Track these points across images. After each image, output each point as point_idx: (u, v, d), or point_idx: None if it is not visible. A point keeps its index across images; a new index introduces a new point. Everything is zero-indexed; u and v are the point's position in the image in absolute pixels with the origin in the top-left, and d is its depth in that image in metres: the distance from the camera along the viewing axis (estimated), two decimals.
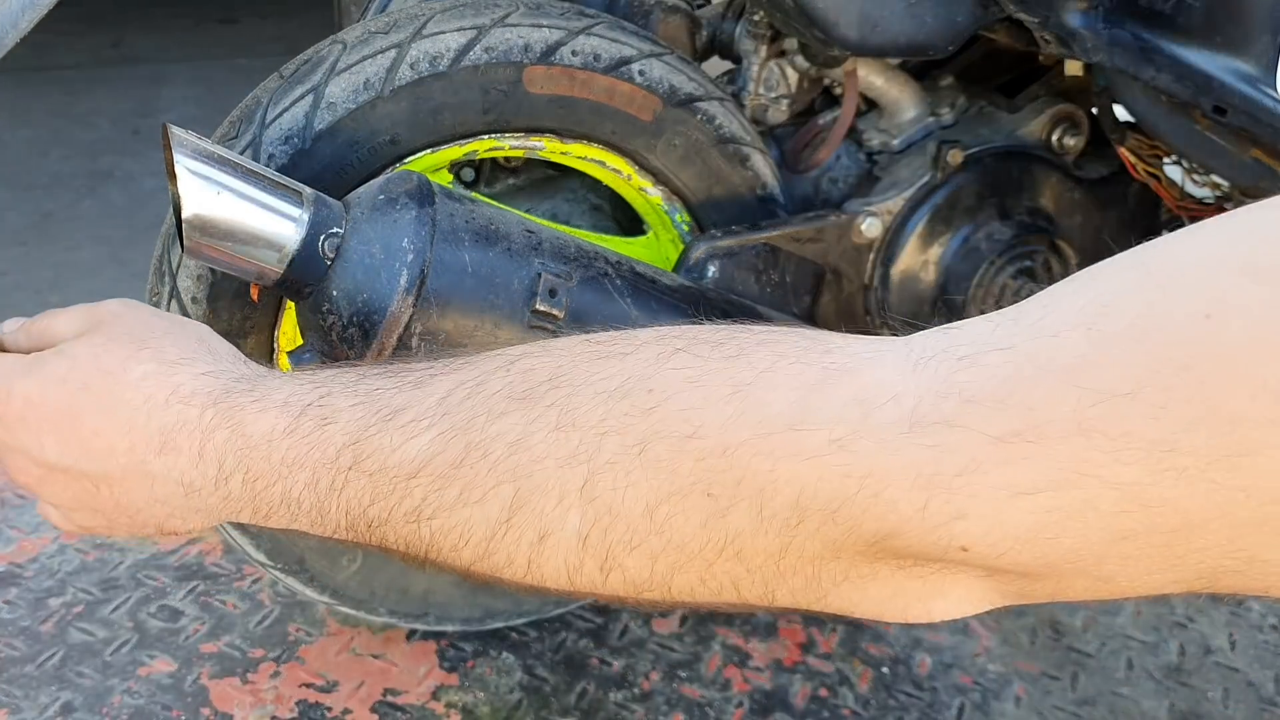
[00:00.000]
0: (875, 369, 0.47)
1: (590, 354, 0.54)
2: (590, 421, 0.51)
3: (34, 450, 0.66)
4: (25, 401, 0.66)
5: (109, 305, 0.73)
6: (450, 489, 0.54)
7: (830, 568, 0.49)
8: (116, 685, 1.15)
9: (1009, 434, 0.43)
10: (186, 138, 0.79)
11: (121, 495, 0.65)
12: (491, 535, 0.54)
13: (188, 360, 0.66)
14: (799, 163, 1.17)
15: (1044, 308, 0.46)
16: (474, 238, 0.86)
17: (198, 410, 0.63)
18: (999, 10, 1.05)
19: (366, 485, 0.57)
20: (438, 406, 0.56)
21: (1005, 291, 1.16)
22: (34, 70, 3.26)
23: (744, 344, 0.51)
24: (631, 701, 1.17)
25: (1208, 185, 1.18)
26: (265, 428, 0.61)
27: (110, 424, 0.64)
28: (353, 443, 0.57)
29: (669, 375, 0.51)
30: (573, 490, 0.51)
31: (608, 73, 0.99)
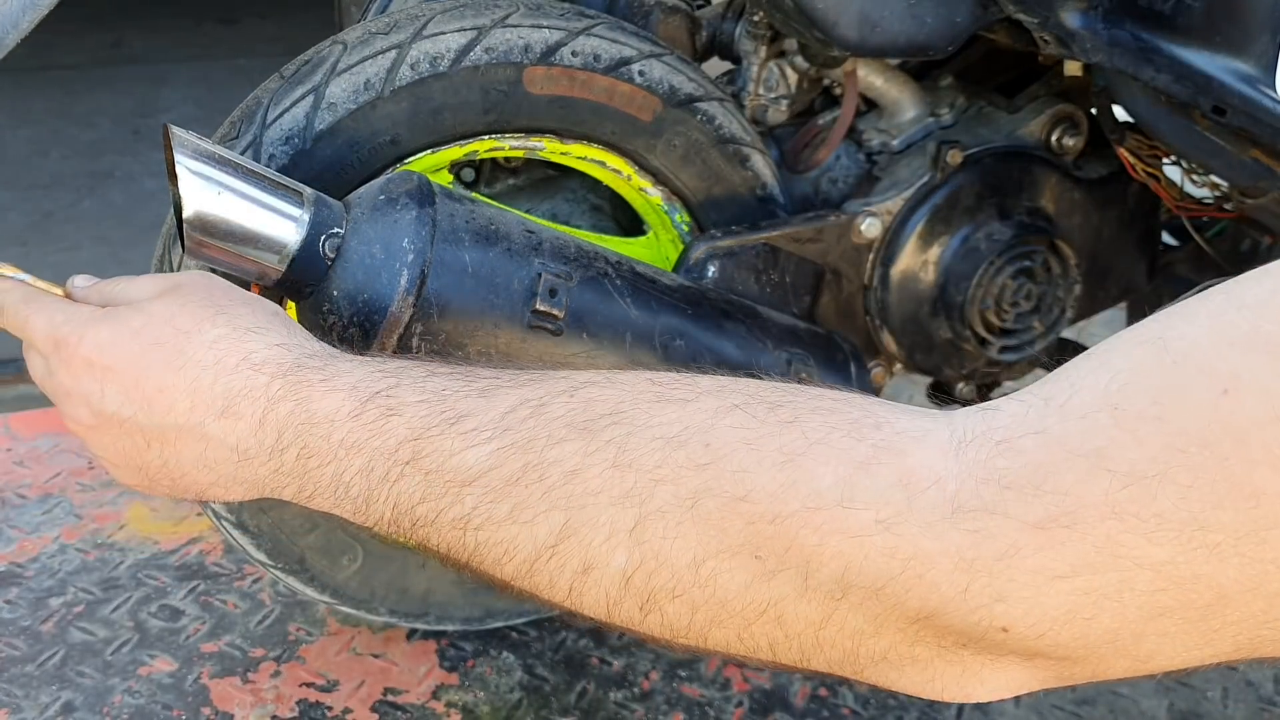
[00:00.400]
0: (920, 451, 0.49)
1: (652, 395, 0.56)
2: (647, 465, 0.53)
3: (94, 397, 0.67)
4: (95, 347, 0.67)
5: (187, 273, 0.74)
6: (502, 505, 0.55)
7: (870, 644, 0.51)
8: (117, 685, 1.15)
9: (1046, 520, 0.45)
10: (187, 138, 0.79)
11: (171, 455, 0.66)
12: (536, 557, 0.55)
13: (262, 330, 0.67)
14: (799, 163, 1.17)
15: (1071, 387, 0.48)
16: (474, 238, 0.86)
17: (266, 379, 0.64)
18: (998, 10, 1.05)
19: (420, 483, 0.58)
20: (500, 420, 0.57)
21: (1005, 291, 1.16)
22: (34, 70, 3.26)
23: (799, 410, 0.52)
24: (631, 701, 1.17)
25: (1207, 185, 1.18)
26: (331, 408, 0.61)
27: (176, 381, 0.65)
28: (414, 438, 0.58)
29: (726, 433, 0.52)
30: (622, 530, 0.53)
31: (608, 73, 0.99)
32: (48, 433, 1.53)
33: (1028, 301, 1.17)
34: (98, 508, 1.40)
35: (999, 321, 1.17)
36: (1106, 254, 1.25)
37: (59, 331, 0.69)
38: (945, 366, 1.20)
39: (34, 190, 2.61)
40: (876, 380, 1.17)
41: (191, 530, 1.37)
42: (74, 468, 1.46)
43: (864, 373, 1.08)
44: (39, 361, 0.72)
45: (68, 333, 0.68)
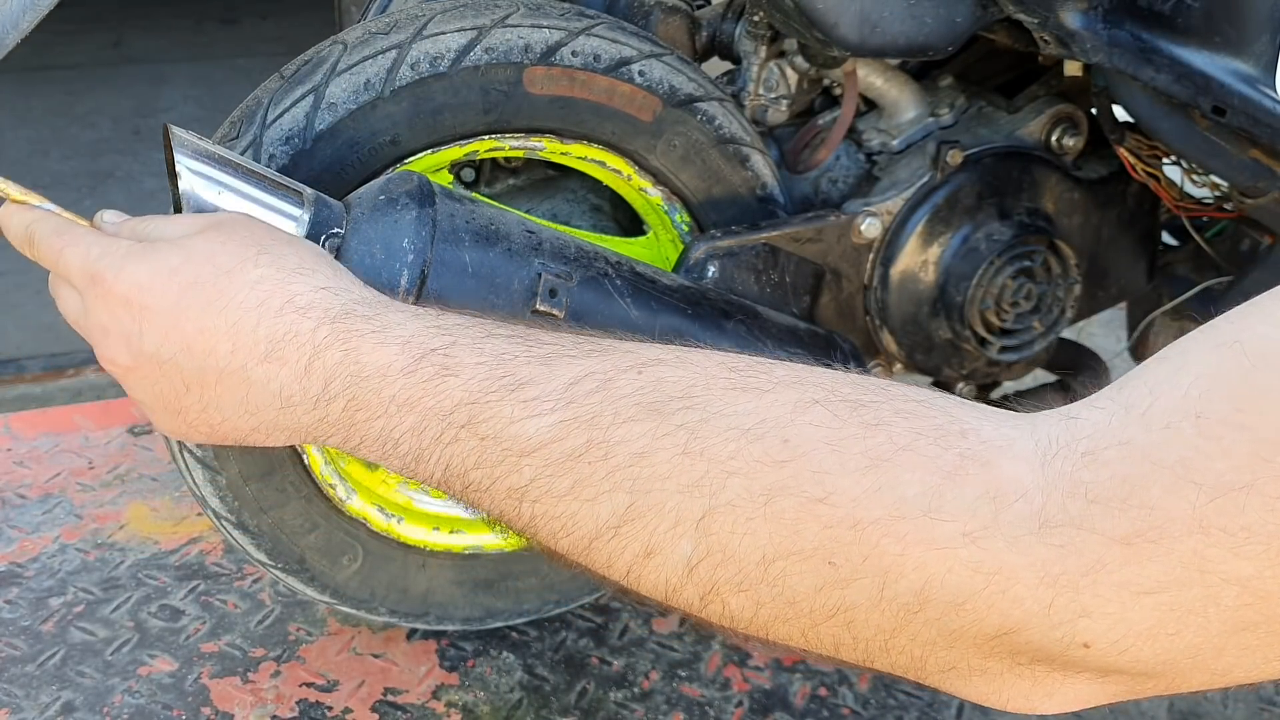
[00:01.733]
0: (1006, 461, 0.48)
1: (726, 381, 0.54)
2: (719, 456, 0.51)
3: (133, 336, 0.64)
4: (133, 285, 0.64)
5: (227, 214, 0.71)
6: (562, 479, 0.54)
7: (941, 654, 0.50)
8: (117, 685, 1.15)
9: (1132, 534, 0.44)
10: (187, 138, 0.79)
11: (211, 400, 0.63)
12: (596, 536, 0.53)
13: (308, 271, 0.64)
14: (799, 163, 1.17)
15: (1150, 394, 0.47)
16: (474, 238, 0.86)
17: (312, 324, 0.61)
18: (998, 11, 1.05)
19: (475, 447, 0.56)
20: (564, 391, 0.55)
21: (1004, 291, 1.16)
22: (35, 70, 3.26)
23: (882, 413, 0.51)
24: (631, 701, 1.17)
25: (1207, 185, 1.18)
26: (382, 361, 0.59)
27: (217, 323, 0.62)
28: (471, 401, 0.56)
29: (806, 430, 0.50)
30: (689, 519, 0.51)
31: (608, 73, 0.99)
32: (48, 433, 1.53)
33: (1027, 301, 1.18)
34: (98, 508, 1.40)
35: (999, 321, 1.17)
36: (1106, 254, 1.25)
37: (95, 266, 0.65)
38: (945, 366, 1.20)
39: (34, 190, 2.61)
40: None
41: (191, 530, 1.37)
42: (74, 468, 1.46)
43: (864, 373, 1.08)
44: (72, 298, 0.68)
45: (104, 268, 0.65)
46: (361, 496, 1.08)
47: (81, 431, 1.53)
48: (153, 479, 1.45)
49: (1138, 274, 1.29)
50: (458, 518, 1.13)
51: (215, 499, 1.01)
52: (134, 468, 1.47)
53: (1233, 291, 1.22)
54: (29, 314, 2.06)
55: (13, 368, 1.86)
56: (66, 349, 1.88)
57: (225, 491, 1.01)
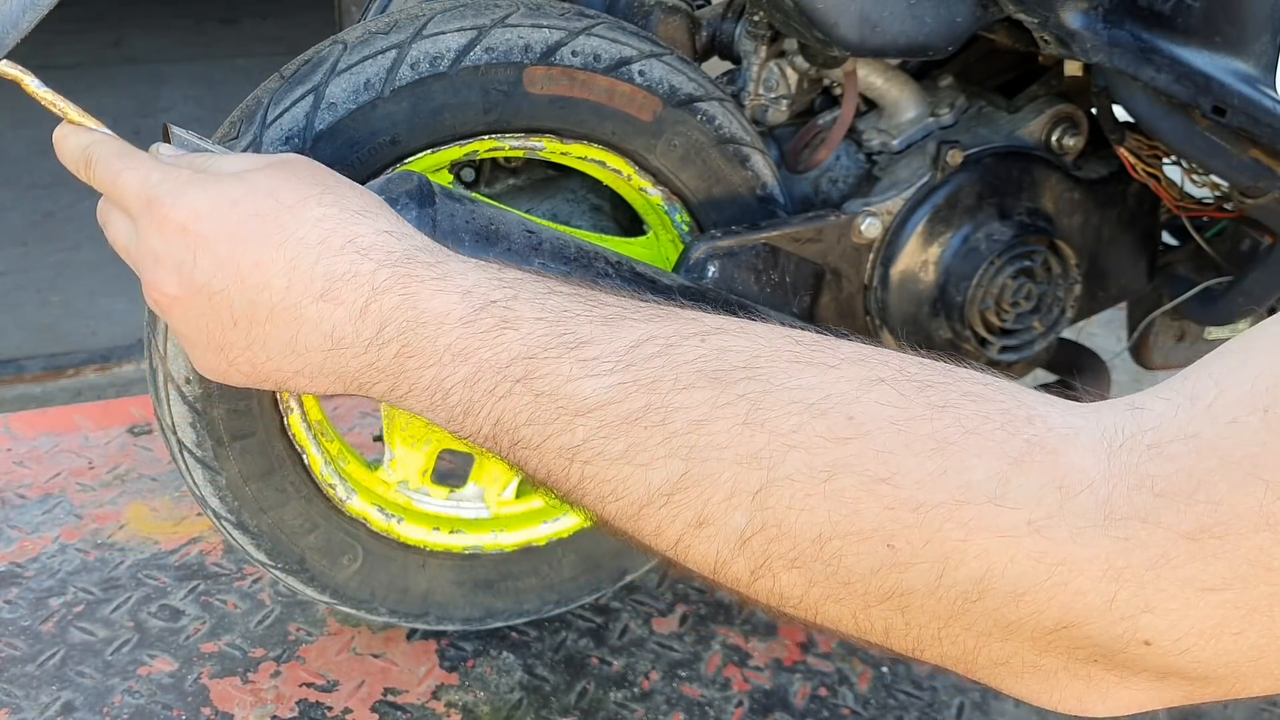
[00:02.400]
0: (1073, 450, 0.47)
1: (790, 354, 0.53)
2: (781, 429, 0.50)
3: (185, 265, 0.62)
4: (191, 213, 0.62)
5: (291, 155, 0.70)
6: (616, 442, 0.53)
7: (995, 647, 0.49)
8: (117, 685, 1.15)
9: (1198, 530, 0.43)
10: (187, 137, 0.79)
11: (258, 337, 0.62)
12: (647, 502, 0.52)
13: (370, 214, 0.63)
14: (799, 163, 1.17)
15: (1216, 386, 0.46)
16: (474, 238, 0.86)
17: (373, 266, 0.60)
18: (998, 11, 1.05)
19: (530, 403, 0.55)
20: (625, 354, 0.54)
21: (1004, 291, 1.16)
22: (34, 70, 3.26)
23: (949, 395, 0.50)
24: (631, 701, 1.17)
25: (1207, 185, 1.18)
26: (440, 308, 0.58)
27: (275, 256, 0.60)
28: (529, 356, 0.55)
29: (871, 409, 0.49)
30: (745, 491, 0.50)
31: (608, 73, 0.99)
32: (48, 433, 1.53)
33: (1028, 301, 1.18)
34: (98, 508, 1.40)
35: (999, 321, 1.17)
36: (1106, 254, 1.25)
37: (154, 191, 0.64)
38: None
39: (34, 190, 2.61)
40: None
41: (191, 530, 1.37)
42: (74, 468, 1.46)
43: None
44: (123, 223, 0.67)
45: (163, 193, 0.63)
46: (361, 497, 1.08)
47: (81, 431, 1.53)
48: (153, 479, 1.45)
49: (1138, 274, 1.29)
50: (458, 518, 1.14)
51: (215, 499, 1.01)
52: (134, 468, 1.47)
53: (1233, 291, 1.22)
54: (29, 314, 2.06)
55: (13, 368, 1.86)
56: (66, 349, 1.88)
57: (225, 491, 1.01)
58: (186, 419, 0.97)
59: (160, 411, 0.99)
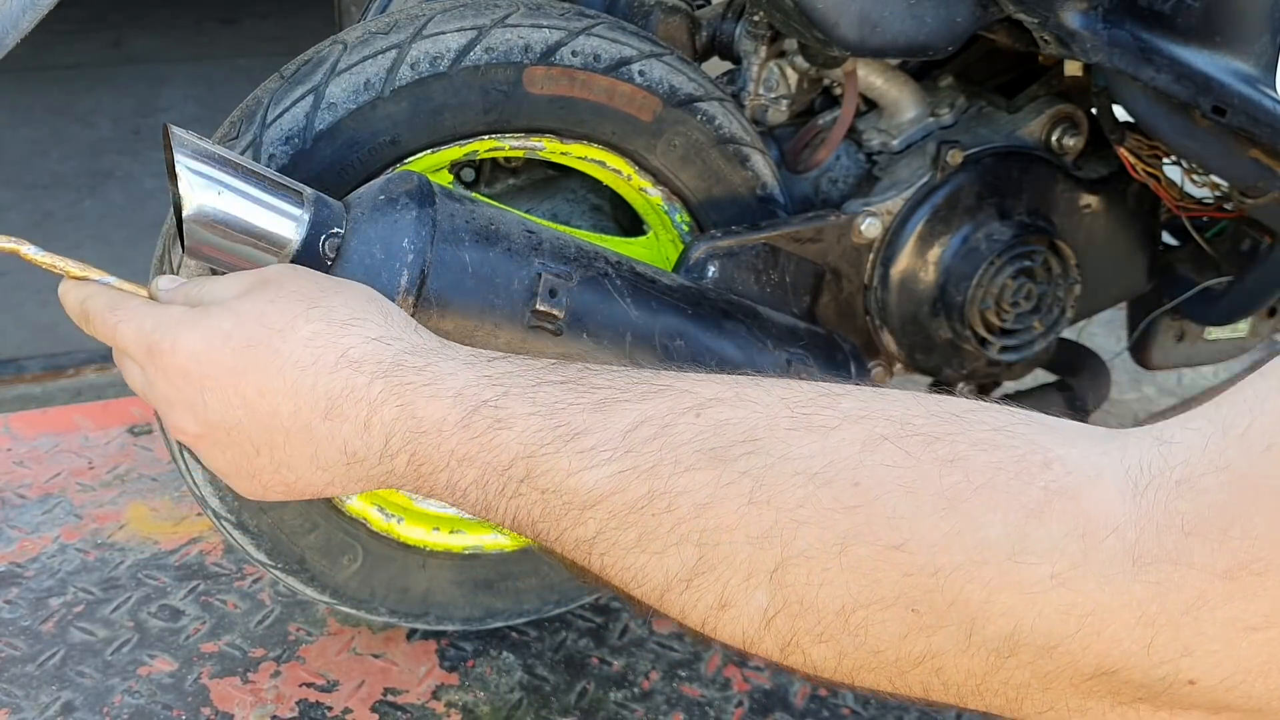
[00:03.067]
0: (1095, 493, 0.46)
1: (788, 420, 0.52)
2: (788, 504, 0.49)
3: (196, 406, 0.64)
4: (189, 356, 0.64)
5: (273, 268, 0.70)
6: (627, 533, 0.53)
7: (1037, 697, 0.48)
8: (117, 685, 1.15)
9: (1234, 567, 0.42)
10: (187, 137, 0.79)
11: (283, 460, 0.63)
12: (668, 588, 0.52)
13: (358, 321, 0.64)
14: (799, 163, 1.17)
15: (1250, 413, 0.44)
16: (474, 238, 0.86)
17: (366, 379, 0.61)
18: (998, 10, 1.05)
19: (538, 501, 0.55)
20: (621, 440, 0.54)
21: (1005, 291, 1.16)
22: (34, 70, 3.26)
23: (958, 447, 0.48)
24: (631, 701, 1.17)
25: (1207, 185, 1.18)
26: (437, 415, 0.58)
27: (276, 384, 0.62)
28: (527, 455, 0.55)
29: (877, 471, 0.49)
30: (762, 571, 0.50)
31: (608, 73, 0.99)
32: (48, 433, 1.53)
33: (1028, 301, 1.17)
34: (98, 508, 1.40)
35: (999, 321, 1.17)
36: (1106, 254, 1.25)
37: (150, 339, 0.66)
38: (945, 366, 1.20)
39: (34, 190, 2.61)
40: (877, 380, 1.17)
41: (191, 530, 1.37)
42: (74, 468, 1.46)
43: (864, 373, 1.08)
44: (136, 371, 0.69)
45: (159, 339, 0.65)
46: (361, 496, 1.08)
47: (81, 431, 1.53)
48: (153, 479, 1.45)
49: (1138, 274, 1.29)
50: (457, 518, 1.14)
51: (215, 499, 1.01)
52: (134, 468, 1.47)
53: (1233, 291, 1.22)
54: (29, 314, 2.06)
55: (13, 368, 1.86)
56: (66, 349, 1.88)
57: (225, 491, 1.01)
58: None
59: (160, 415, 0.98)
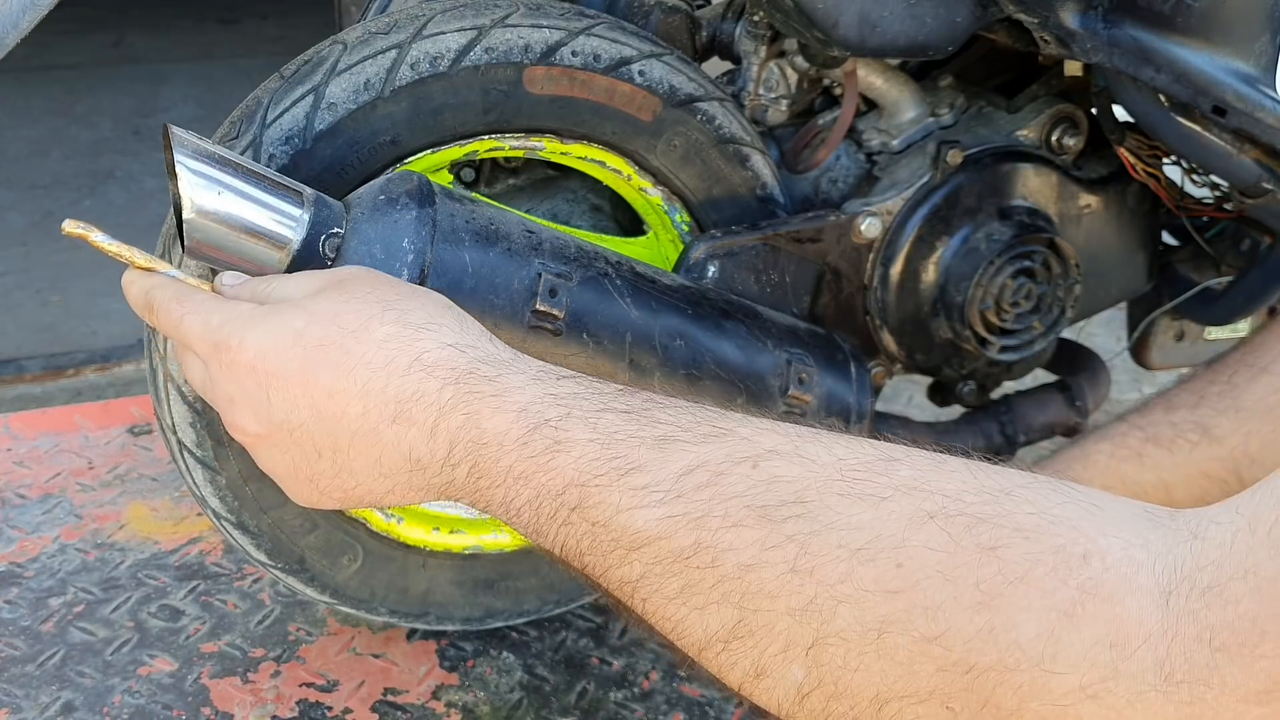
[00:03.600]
0: (1129, 597, 0.44)
1: (840, 486, 0.51)
2: (830, 578, 0.49)
3: (260, 405, 0.62)
4: (257, 353, 0.62)
5: (349, 268, 0.69)
6: (671, 582, 0.52)
7: None
8: (117, 685, 1.15)
9: (1269, 689, 0.41)
10: (187, 138, 0.79)
11: (344, 464, 0.62)
12: (706, 645, 0.52)
13: (433, 327, 0.63)
14: (798, 163, 1.17)
15: (1277, 506, 0.43)
16: (474, 238, 0.86)
17: (438, 384, 0.60)
18: (998, 11, 1.05)
19: (587, 532, 0.55)
20: (674, 483, 0.53)
21: (1004, 291, 1.16)
22: (35, 70, 3.26)
23: (1001, 532, 0.47)
24: (631, 701, 1.17)
25: (1207, 185, 1.18)
26: (500, 429, 0.58)
27: (346, 385, 0.61)
28: (581, 483, 0.55)
29: (919, 554, 0.48)
30: (800, 645, 0.49)
31: (608, 73, 0.99)
32: (48, 433, 1.53)
33: (1028, 301, 1.18)
34: (98, 508, 1.40)
35: (999, 321, 1.17)
36: (1106, 254, 1.25)
37: (217, 335, 0.64)
38: (945, 366, 1.20)
39: (34, 190, 2.61)
40: (876, 380, 1.17)
41: (191, 530, 1.37)
42: (74, 468, 1.46)
43: (864, 373, 1.08)
44: (197, 366, 0.67)
45: (226, 335, 0.64)
46: None
47: (81, 431, 1.53)
48: (153, 479, 1.45)
49: (1138, 274, 1.29)
50: (458, 518, 1.14)
51: (215, 499, 1.01)
52: (134, 468, 1.47)
53: (1233, 291, 1.22)
54: (29, 314, 2.06)
55: (13, 368, 1.86)
56: (66, 349, 1.88)
57: (225, 491, 1.01)
58: (187, 419, 0.97)
59: (160, 411, 0.99)
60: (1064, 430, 1.28)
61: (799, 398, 1.01)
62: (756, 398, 0.98)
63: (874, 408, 1.12)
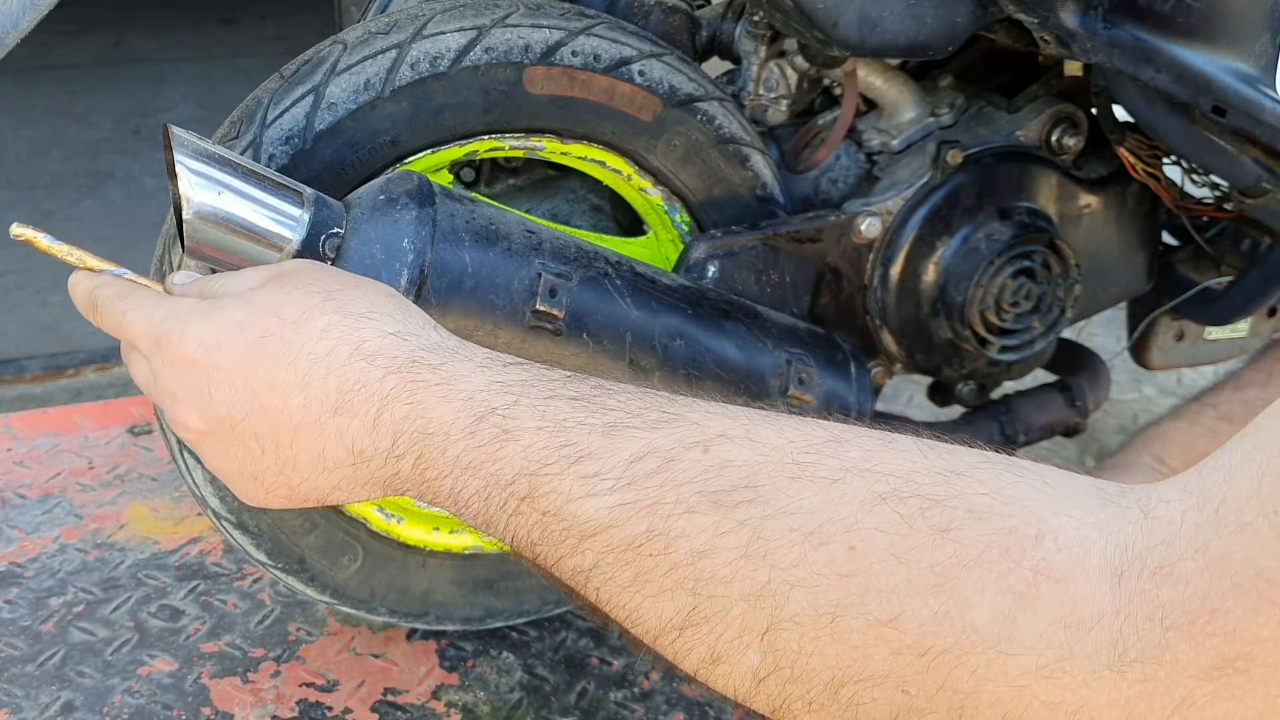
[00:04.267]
0: (1082, 577, 0.45)
1: (791, 470, 0.51)
2: (782, 562, 0.48)
3: (202, 400, 0.61)
4: (199, 346, 0.61)
5: (291, 262, 0.68)
6: (624, 569, 0.52)
7: None
8: (117, 685, 1.15)
9: (1219, 663, 0.41)
10: (187, 138, 0.79)
11: (288, 459, 0.61)
12: (661, 633, 0.52)
13: (375, 315, 0.62)
14: (798, 163, 1.17)
15: (1224, 483, 0.43)
16: (474, 238, 0.86)
17: (380, 373, 0.59)
18: (998, 10, 1.05)
19: (538, 522, 0.54)
20: (625, 470, 0.52)
21: (1004, 291, 1.16)
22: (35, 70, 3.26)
23: (954, 514, 0.47)
24: (631, 701, 1.17)
25: (1207, 185, 1.18)
26: (446, 417, 0.57)
27: (287, 376, 0.60)
28: (530, 473, 0.54)
29: (872, 536, 0.47)
30: (754, 630, 0.49)
31: (608, 73, 0.99)
32: (48, 433, 1.53)
33: (1027, 301, 1.18)
34: (98, 508, 1.40)
35: (999, 321, 1.17)
36: (1106, 254, 1.25)
37: (159, 329, 0.63)
38: (945, 366, 1.20)
39: (34, 190, 2.61)
40: (876, 380, 1.17)
41: (191, 530, 1.37)
42: (74, 468, 1.46)
43: (864, 373, 1.08)
44: (141, 364, 0.66)
45: (168, 329, 0.63)
46: None
47: (81, 431, 1.53)
48: (153, 479, 1.45)
49: (1138, 274, 1.29)
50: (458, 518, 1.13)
51: (215, 499, 1.01)
52: (134, 468, 1.47)
53: (1233, 291, 1.22)
54: (29, 314, 2.06)
55: (13, 368, 1.86)
56: (66, 349, 1.88)
57: (225, 491, 1.01)
58: None
59: (161, 413, 0.99)
60: (1064, 430, 1.28)
61: (799, 397, 1.01)
62: (757, 397, 0.98)
63: (874, 407, 1.12)
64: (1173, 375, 1.82)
